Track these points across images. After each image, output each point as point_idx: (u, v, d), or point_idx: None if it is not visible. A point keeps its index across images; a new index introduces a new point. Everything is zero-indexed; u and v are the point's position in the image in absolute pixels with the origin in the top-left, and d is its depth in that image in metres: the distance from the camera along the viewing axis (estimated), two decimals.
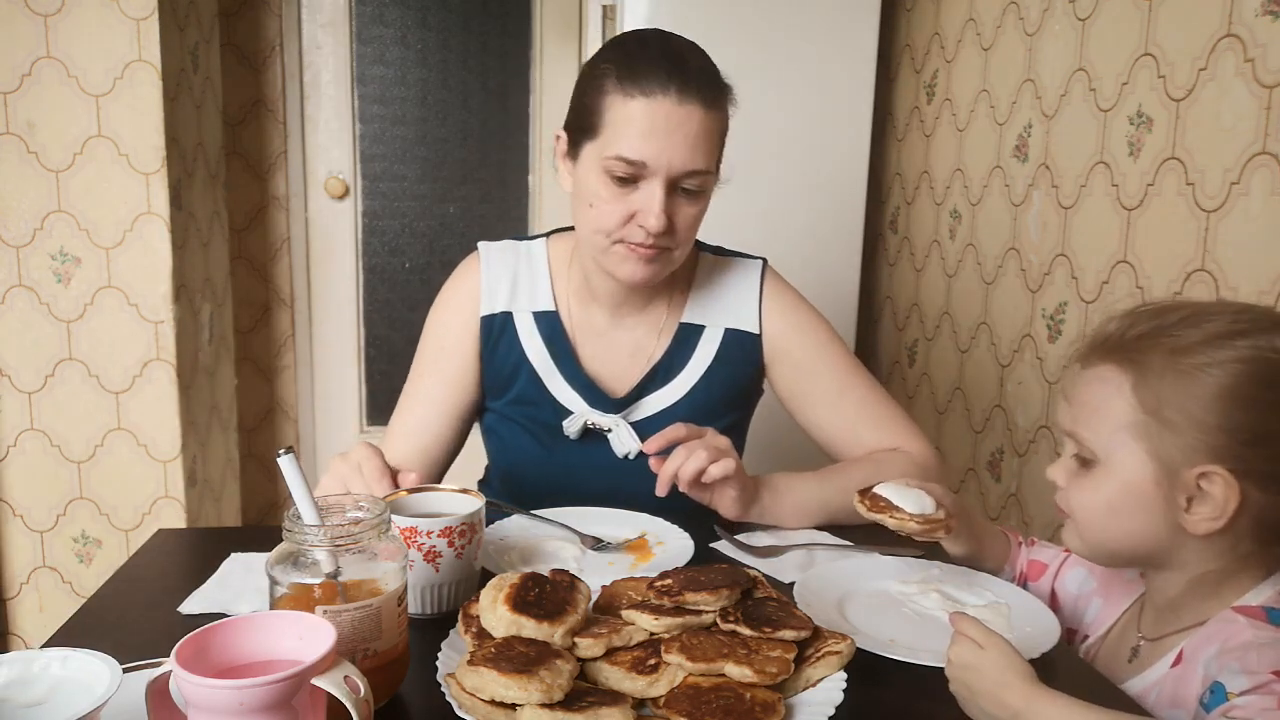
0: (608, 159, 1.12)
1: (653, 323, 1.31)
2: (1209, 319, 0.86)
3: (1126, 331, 0.90)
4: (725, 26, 2.28)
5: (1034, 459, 1.99)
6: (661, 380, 1.29)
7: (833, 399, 1.29)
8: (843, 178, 2.44)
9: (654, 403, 1.29)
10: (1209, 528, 0.84)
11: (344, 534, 0.76)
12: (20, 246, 2.13)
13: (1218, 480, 0.83)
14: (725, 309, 1.31)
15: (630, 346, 1.30)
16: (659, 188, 1.12)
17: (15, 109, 2.08)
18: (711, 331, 1.30)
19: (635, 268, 1.17)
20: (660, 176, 1.12)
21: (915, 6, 2.49)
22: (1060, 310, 1.89)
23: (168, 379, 2.21)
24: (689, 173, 1.12)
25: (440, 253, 3.08)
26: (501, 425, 1.32)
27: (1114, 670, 0.94)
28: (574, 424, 1.26)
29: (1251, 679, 0.76)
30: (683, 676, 0.78)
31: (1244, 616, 0.83)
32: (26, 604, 2.30)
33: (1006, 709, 0.75)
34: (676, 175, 1.12)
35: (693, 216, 1.17)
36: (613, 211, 1.14)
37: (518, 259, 1.32)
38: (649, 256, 1.16)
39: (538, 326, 1.29)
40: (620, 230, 1.15)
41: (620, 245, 1.16)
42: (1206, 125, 1.50)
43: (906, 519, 0.97)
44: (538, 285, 1.31)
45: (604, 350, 1.30)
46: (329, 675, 0.65)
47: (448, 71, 2.98)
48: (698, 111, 1.11)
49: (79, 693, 0.64)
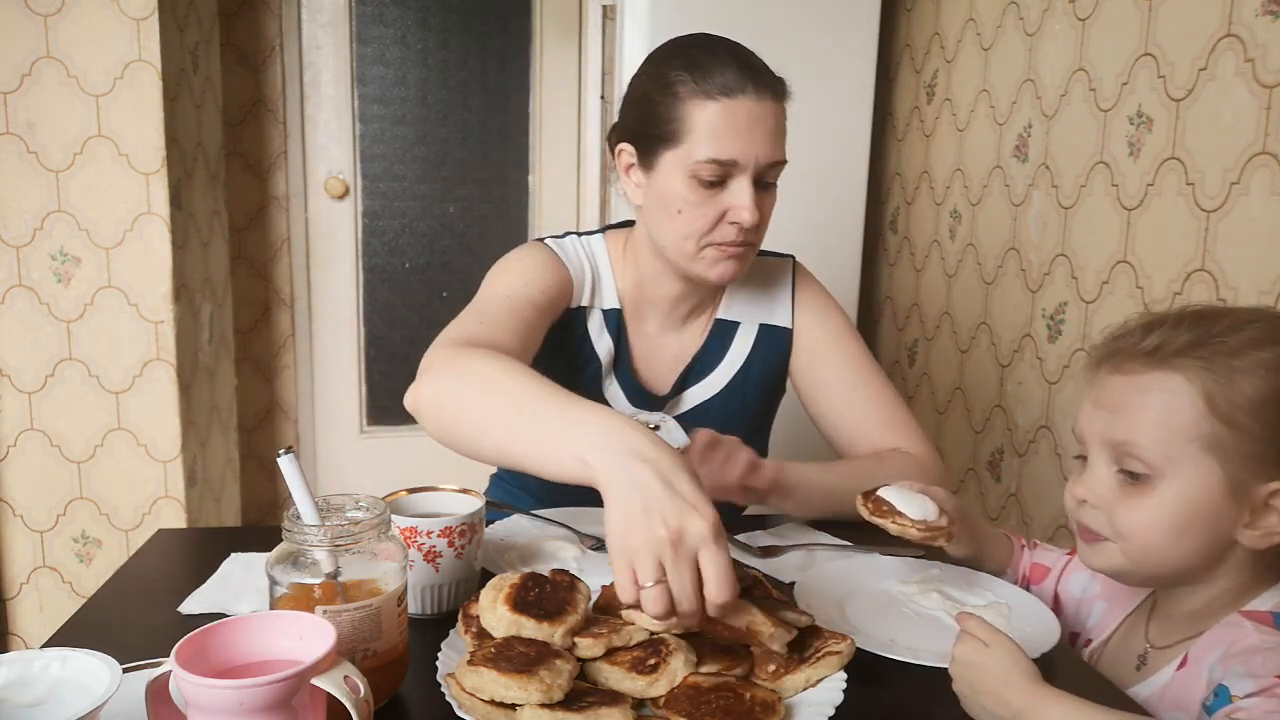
0: (698, 163, 1.13)
1: (694, 322, 1.34)
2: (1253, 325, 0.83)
3: (1178, 337, 0.85)
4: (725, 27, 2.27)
5: (1034, 459, 1.99)
6: (698, 375, 1.32)
7: (846, 390, 1.31)
8: (843, 178, 2.44)
9: (692, 397, 1.32)
10: (1267, 542, 0.82)
11: (344, 534, 0.76)
12: (20, 246, 2.13)
13: None
14: (759, 305, 1.34)
15: (675, 346, 1.33)
16: (748, 184, 1.14)
17: (15, 109, 2.08)
18: (746, 328, 1.33)
19: (727, 267, 1.19)
20: (748, 173, 1.14)
21: (915, 6, 2.49)
22: (1060, 310, 1.89)
23: (168, 379, 2.21)
24: (772, 164, 1.16)
25: (440, 253, 3.08)
26: None
27: (1120, 677, 0.93)
28: None
29: (1256, 682, 0.75)
30: (683, 676, 0.78)
31: (1250, 621, 0.83)
32: (26, 604, 2.30)
33: (1008, 708, 0.75)
34: (762, 168, 1.15)
35: (771, 207, 1.20)
36: (703, 214, 1.16)
37: (585, 256, 1.30)
38: (740, 254, 1.19)
39: (606, 325, 1.30)
40: (712, 233, 1.17)
41: (711, 248, 1.18)
42: (1206, 125, 1.50)
43: (908, 525, 0.96)
44: (604, 283, 1.31)
45: (652, 352, 1.33)
46: (329, 675, 0.65)
47: (448, 71, 2.98)
48: (772, 105, 1.14)
49: (79, 693, 0.64)
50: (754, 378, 1.32)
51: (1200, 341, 0.84)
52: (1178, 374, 0.83)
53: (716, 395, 1.31)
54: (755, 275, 1.34)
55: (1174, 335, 0.85)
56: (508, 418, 0.86)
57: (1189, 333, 0.85)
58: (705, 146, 1.13)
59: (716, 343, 1.33)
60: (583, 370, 1.29)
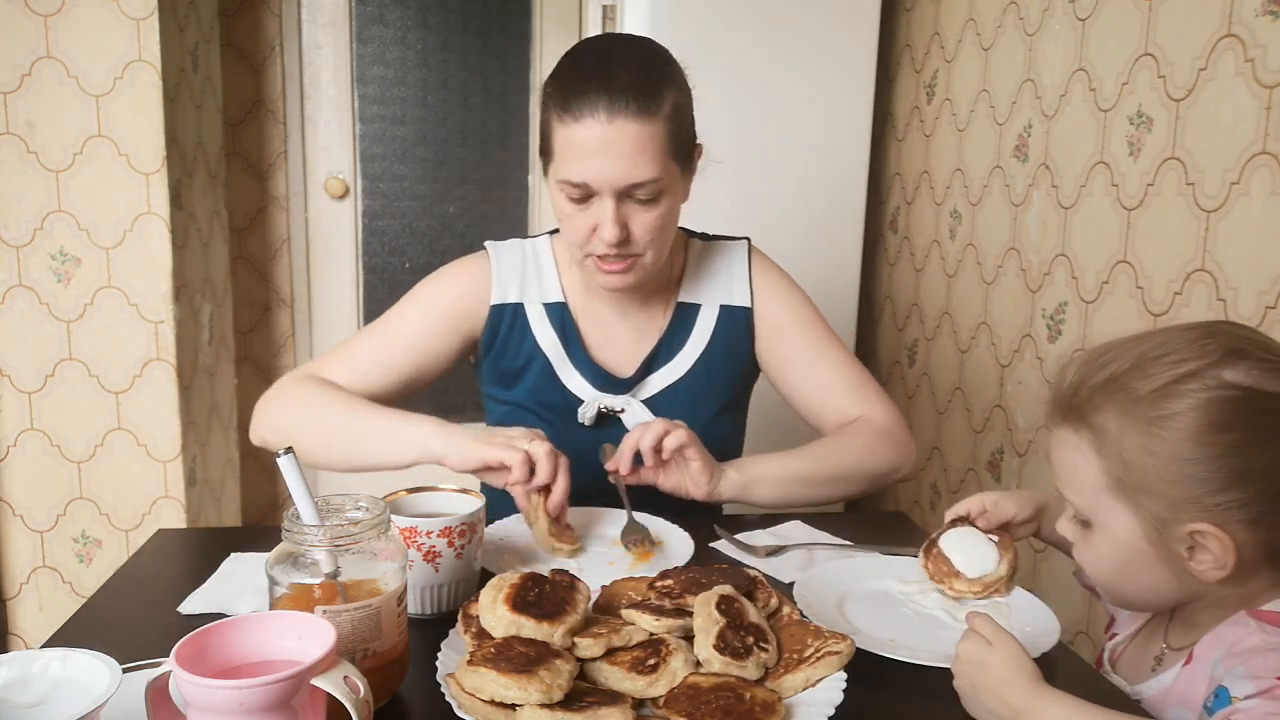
0: (559, 182, 1.18)
1: (654, 308, 1.35)
2: (1156, 363, 0.82)
3: (1079, 388, 0.86)
4: (725, 27, 2.28)
5: (1034, 459, 1.99)
6: (664, 358, 1.33)
7: (811, 362, 1.34)
8: (843, 178, 2.44)
9: (658, 380, 1.33)
10: (1217, 575, 0.82)
11: (344, 534, 0.76)
12: (20, 246, 2.13)
13: (1208, 534, 0.81)
14: (717, 287, 1.36)
15: (635, 332, 1.34)
16: (609, 201, 1.16)
17: (15, 109, 2.08)
18: (707, 309, 1.35)
19: (609, 279, 1.22)
20: (608, 194, 1.15)
21: (915, 6, 2.49)
22: (1060, 310, 1.89)
23: (168, 379, 2.21)
24: (633, 185, 1.15)
25: (440, 253, 3.08)
26: (514, 417, 1.33)
27: (1138, 675, 0.93)
28: (588, 410, 1.29)
29: (1257, 683, 0.75)
30: (683, 676, 0.78)
31: (1255, 620, 0.82)
32: (26, 604, 2.30)
33: (1009, 707, 0.75)
34: (621, 190, 1.15)
35: (653, 221, 1.19)
36: (576, 228, 1.20)
37: (525, 255, 1.35)
38: (620, 269, 1.21)
39: (548, 317, 1.32)
40: (587, 244, 1.20)
41: (590, 259, 1.21)
42: (1206, 125, 1.50)
43: (964, 590, 0.99)
44: (545, 279, 1.34)
45: (611, 338, 1.34)
46: (329, 675, 0.65)
47: (448, 71, 2.98)
48: (630, 126, 1.13)
49: (79, 693, 0.64)
50: (718, 358, 1.34)
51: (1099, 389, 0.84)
52: (1071, 429, 0.86)
53: (683, 378, 1.33)
54: (711, 258, 1.37)
55: (1082, 383, 0.86)
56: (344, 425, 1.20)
57: (1096, 377, 0.85)
58: (562, 167, 1.17)
59: (679, 326, 1.34)
60: (528, 365, 1.32)
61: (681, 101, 1.19)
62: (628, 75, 1.14)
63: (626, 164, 1.14)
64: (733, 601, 0.85)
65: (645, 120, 1.13)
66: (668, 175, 1.17)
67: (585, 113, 1.13)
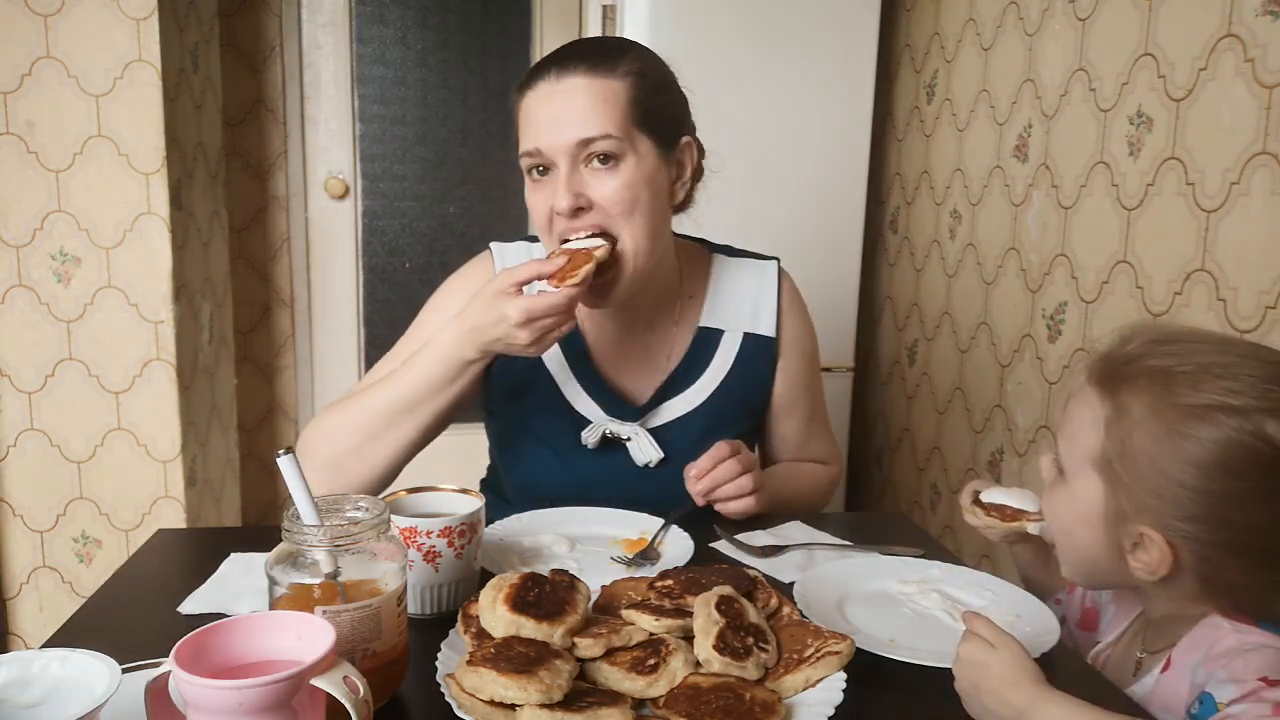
0: (520, 159, 1.15)
1: (667, 326, 1.28)
2: (1214, 381, 0.80)
3: (1130, 361, 0.86)
4: (726, 26, 2.28)
5: (1034, 459, 1.99)
6: (680, 386, 1.27)
7: (805, 417, 1.36)
8: (843, 178, 2.44)
9: (672, 409, 1.26)
10: (1145, 577, 0.85)
11: (343, 534, 0.76)
12: (20, 246, 2.13)
13: (1154, 542, 0.83)
14: (742, 313, 1.29)
15: (646, 352, 1.28)
16: (562, 170, 1.10)
17: (15, 109, 2.08)
18: (730, 336, 1.29)
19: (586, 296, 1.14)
20: (562, 157, 1.10)
21: (915, 6, 2.49)
22: (1060, 310, 1.89)
23: (168, 379, 2.21)
24: (585, 140, 1.09)
25: (440, 253, 3.08)
26: (516, 435, 1.28)
27: (1122, 682, 0.93)
28: (593, 434, 1.23)
29: (1239, 687, 0.75)
30: (683, 676, 0.78)
31: (1228, 621, 0.83)
32: (26, 604, 2.30)
33: (1010, 707, 0.75)
34: (574, 148, 1.09)
35: (615, 192, 1.10)
36: (538, 206, 1.15)
37: (530, 258, 1.27)
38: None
39: None
40: (551, 229, 1.14)
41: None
42: (1206, 125, 1.50)
43: (1037, 518, 1.01)
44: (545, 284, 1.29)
45: (621, 357, 1.27)
46: (328, 675, 0.64)
47: (448, 71, 2.98)
48: (581, 80, 1.09)
49: (79, 693, 0.64)
50: (737, 388, 1.28)
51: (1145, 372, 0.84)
52: (1098, 393, 0.87)
53: (697, 408, 1.26)
54: (738, 279, 1.30)
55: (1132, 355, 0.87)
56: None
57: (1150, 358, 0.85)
58: (522, 141, 1.13)
59: (698, 353, 1.27)
60: (531, 382, 1.25)
61: (648, 74, 1.13)
62: (591, 43, 1.15)
63: (578, 118, 1.08)
64: (733, 602, 0.85)
65: (596, 75, 1.09)
66: (628, 138, 1.10)
67: (539, 78, 1.11)
